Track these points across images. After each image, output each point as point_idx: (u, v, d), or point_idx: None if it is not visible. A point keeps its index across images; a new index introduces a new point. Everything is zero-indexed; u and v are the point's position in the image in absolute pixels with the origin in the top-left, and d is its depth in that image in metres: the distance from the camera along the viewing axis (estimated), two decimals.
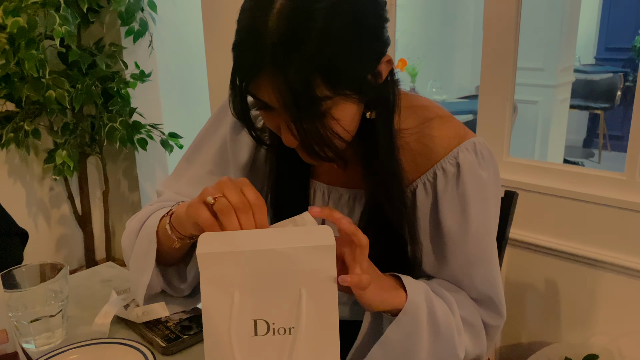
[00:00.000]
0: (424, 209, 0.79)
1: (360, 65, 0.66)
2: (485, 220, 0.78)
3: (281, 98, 0.62)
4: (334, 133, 0.67)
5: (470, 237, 0.77)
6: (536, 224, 1.50)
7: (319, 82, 0.62)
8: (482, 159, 0.77)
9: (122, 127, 2.18)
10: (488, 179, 0.77)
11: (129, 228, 0.81)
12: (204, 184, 0.85)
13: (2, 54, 2.12)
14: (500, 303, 0.81)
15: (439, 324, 0.72)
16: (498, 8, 1.45)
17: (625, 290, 1.38)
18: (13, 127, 2.17)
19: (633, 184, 1.35)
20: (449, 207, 0.77)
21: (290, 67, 0.61)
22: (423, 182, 0.78)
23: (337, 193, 0.84)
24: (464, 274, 0.79)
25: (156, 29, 2.32)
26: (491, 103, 1.52)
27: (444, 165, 0.77)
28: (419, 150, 0.78)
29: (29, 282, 0.88)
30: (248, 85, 0.67)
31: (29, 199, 2.46)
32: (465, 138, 0.77)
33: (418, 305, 0.69)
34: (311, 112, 0.64)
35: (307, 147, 0.68)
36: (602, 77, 4.68)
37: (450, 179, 0.77)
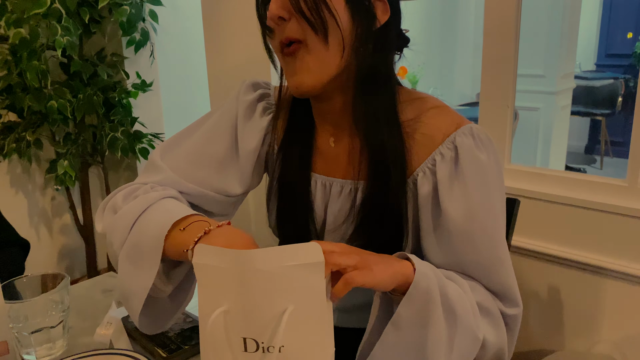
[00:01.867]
0: (425, 197, 0.79)
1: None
2: (488, 202, 0.76)
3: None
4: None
5: (474, 221, 0.75)
6: (538, 231, 1.49)
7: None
8: (481, 142, 0.77)
9: (124, 137, 2.19)
10: (488, 162, 0.77)
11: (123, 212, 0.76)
12: (205, 164, 0.86)
13: (5, 65, 2.13)
14: (514, 290, 0.79)
15: (452, 301, 0.69)
16: (498, 15, 1.45)
17: (629, 297, 1.37)
18: (15, 137, 2.17)
19: (635, 190, 1.35)
20: (449, 191, 0.76)
21: None
22: (423, 170, 0.79)
23: (338, 185, 0.85)
24: (472, 262, 0.77)
25: (157, 39, 2.33)
26: (492, 110, 1.52)
27: (442, 150, 0.77)
28: (418, 140, 0.79)
29: (30, 292, 0.88)
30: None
31: (31, 209, 2.46)
32: (462, 124, 0.78)
33: (428, 276, 0.67)
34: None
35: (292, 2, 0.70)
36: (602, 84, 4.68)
37: (448, 162, 0.77)
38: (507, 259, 0.79)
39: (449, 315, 0.69)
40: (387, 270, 0.65)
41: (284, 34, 0.74)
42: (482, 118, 1.54)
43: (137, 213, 0.75)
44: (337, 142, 0.85)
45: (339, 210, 0.84)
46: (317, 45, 0.73)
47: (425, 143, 0.79)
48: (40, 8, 1.90)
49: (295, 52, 0.74)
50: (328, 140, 0.86)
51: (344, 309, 0.93)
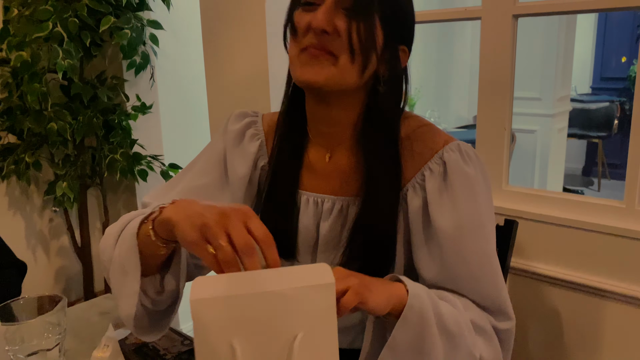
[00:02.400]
0: (415, 211, 0.81)
1: (401, 18, 0.79)
2: (477, 214, 0.78)
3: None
4: (373, 33, 0.75)
5: (463, 232, 0.77)
6: (537, 252, 1.49)
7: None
8: (468, 157, 0.80)
9: (123, 159, 2.19)
10: (475, 175, 0.79)
11: (107, 234, 0.79)
12: (197, 195, 0.87)
13: (5, 88, 2.15)
14: (506, 303, 0.79)
15: (447, 322, 0.70)
16: (494, 39, 1.47)
17: (630, 319, 1.37)
18: (14, 159, 2.18)
19: (633, 212, 1.35)
20: (438, 204, 0.79)
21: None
22: (413, 185, 0.81)
23: (329, 202, 0.86)
24: (464, 274, 0.78)
25: (158, 62, 2.36)
26: (489, 132, 1.53)
27: (431, 165, 0.80)
28: (408, 157, 0.82)
29: (27, 314, 0.87)
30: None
31: (29, 231, 2.45)
32: (450, 141, 0.82)
33: (421, 297, 0.68)
34: (367, 6, 0.74)
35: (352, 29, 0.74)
36: (598, 106, 4.73)
37: (437, 176, 0.80)
38: (498, 271, 0.80)
39: (445, 335, 0.69)
40: (383, 293, 0.66)
41: (319, 42, 0.75)
42: (479, 140, 1.56)
43: (119, 230, 0.77)
44: (333, 157, 0.86)
45: (330, 227, 0.85)
46: (347, 66, 0.76)
47: (415, 159, 0.82)
48: (42, 32, 1.92)
49: (321, 58, 0.76)
50: (323, 156, 0.86)
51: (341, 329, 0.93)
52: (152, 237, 0.69)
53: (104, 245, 0.78)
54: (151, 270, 0.75)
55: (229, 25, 1.94)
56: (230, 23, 1.93)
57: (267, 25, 1.81)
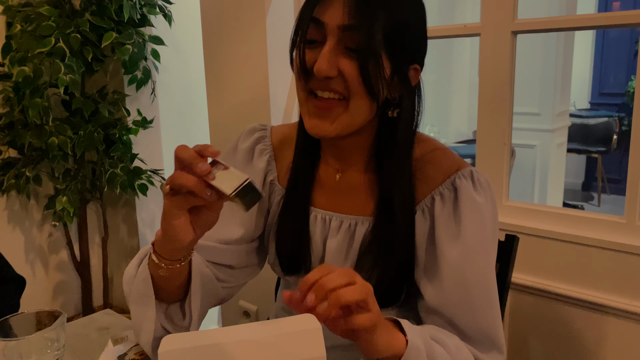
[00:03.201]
0: (421, 234, 0.81)
1: (410, 40, 0.77)
2: (482, 244, 0.78)
3: (353, 19, 0.71)
4: (382, 70, 0.73)
5: (467, 262, 0.77)
6: (537, 267, 1.49)
7: (380, 28, 0.71)
8: (480, 186, 0.80)
9: (123, 173, 2.20)
10: (485, 205, 0.79)
11: (126, 274, 0.81)
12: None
13: (7, 102, 2.16)
14: (499, 336, 0.79)
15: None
16: (493, 55, 1.49)
17: (630, 335, 1.36)
18: (15, 173, 2.18)
19: (633, 227, 1.35)
20: (445, 229, 0.78)
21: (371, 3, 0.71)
22: (422, 208, 0.81)
23: (337, 220, 0.85)
24: (462, 302, 0.77)
25: (159, 77, 2.37)
26: (489, 147, 1.54)
27: (442, 190, 0.80)
28: (420, 179, 0.81)
29: (25, 330, 0.87)
30: (315, 7, 0.74)
31: (28, 245, 2.44)
32: (463, 167, 0.82)
33: (419, 349, 0.67)
34: (372, 42, 0.71)
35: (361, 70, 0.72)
36: (597, 122, 4.75)
37: (447, 202, 0.79)
38: (496, 303, 0.80)
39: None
40: (384, 337, 0.65)
41: (325, 86, 0.75)
42: (479, 155, 1.56)
43: (138, 262, 0.79)
44: (343, 176, 0.86)
45: (337, 245, 0.85)
46: (359, 106, 0.75)
47: (427, 182, 0.81)
48: (44, 47, 1.93)
49: (332, 108, 0.75)
50: (333, 174, 0.87)
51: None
52: (155, 260, 0.70)
53: (126, 277, 0.80)
54: (173, 297, 0.77)
55: (230, 41, 1.95)
56: (231, 39, 1.95)
57: (268, 40, 1.83)
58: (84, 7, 2.08)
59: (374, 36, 0.71)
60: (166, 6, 2.23)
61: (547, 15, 3.20)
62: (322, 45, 0.73)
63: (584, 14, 1.41)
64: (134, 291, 0.77)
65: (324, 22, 0.73)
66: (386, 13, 0.72)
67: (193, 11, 2.27)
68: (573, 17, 1.39)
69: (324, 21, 0.73)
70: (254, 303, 2.11)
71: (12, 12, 2.09)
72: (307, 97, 0.77)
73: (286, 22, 1.88)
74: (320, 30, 0.74)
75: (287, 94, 1.90)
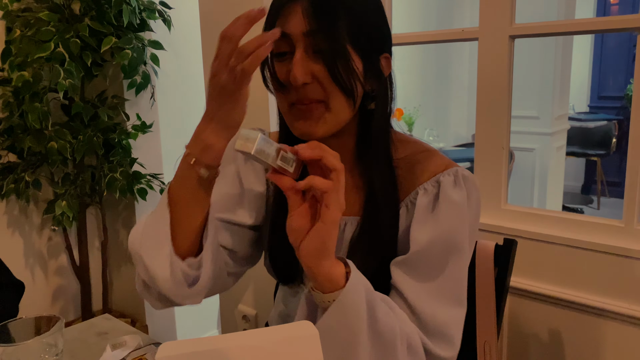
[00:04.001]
0: (403, 229, 0.82)
1: (374, 31, 0.78)
2: (455, 236, 0.78)
3: (313, 23, 0.72)
4: (352, 67, 0.74)
5: (436, 249, 0.77)
6: (536, 271, 1.49)
7: (343, 24, 0.73)
8: (463, 181, 0.81)
9: (123, 178, 2.20)
10: (463, 200, 0.80)
11: (136, 224, 0.82)
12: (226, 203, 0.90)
13: (7, 107, 2.16)
14: (457, 329, 0.79)
15: (379, 321, 0.68)
16: (491, 59, 1.49)
17: (629, 339, 1.36)
18: (14, 178, 2.18)
19: (632, 231, 1.35)
20: (420, 216, 0.80)
21: (328, 2, 0.73)
22: (406, 203, 0.83)
23: None
24: (423, 289, 0.77)
25: (158, 81, 2.38)
26: (487, 151, 1.54)
27: (426, 186, 0.81)
28: (405, 177, 0.83)
29: (24, 335, 0.87)
30: (276, 21, 0.76)
31: (27, 250, 2.44)
32: (450, 166, 0.83)
33: (357, 290, 0.67)
34: (337, 41, 0.73)
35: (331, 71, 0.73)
36: (596, 125, 4.76)
37: (429, 195, 0.81)
38: (460, 297, 0.80)
39: (374, 335, 0.68)
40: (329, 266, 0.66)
41: (305, 94, 0.76)
42: (478, 159, 1.56)
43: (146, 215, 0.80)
44: None
45: None
46: (339, 105, 0.76)
47: (413, 180, 0.83)
48: (44, 52, 1.94)
49: (313, 110, 0.77)
50: None
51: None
52: (198, 166, 0.73)
53: (134, 232, 0.79)
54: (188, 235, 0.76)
55: None
56: None
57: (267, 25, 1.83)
58: (83, 12, 2.08)
59: (337, 35, 0.73)
60: (165, 11, 2.24)
61: (546, 19, 3.21)
62: (292, 56, 0.75)
63: (582, 18, 1.41)
64: (148, 230, 0.76)
65: (289, 33, 0.74)
66: (345, 9, 0.74)
67: (192, 16, 2.28)
68: (571, 21, 1.39)
69: (288, 32, 0.74)
70: (253, 307, 2.11)
71: (12, 17, 2.10)
72: (289, 106, 0.79)
73: None
74: (287, 41, 0.75)
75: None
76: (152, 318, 2.58)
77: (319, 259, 0.66)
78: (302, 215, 0.66)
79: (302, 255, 0.67)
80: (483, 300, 1.09)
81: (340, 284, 0.67)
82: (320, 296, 0.68)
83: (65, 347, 0.89)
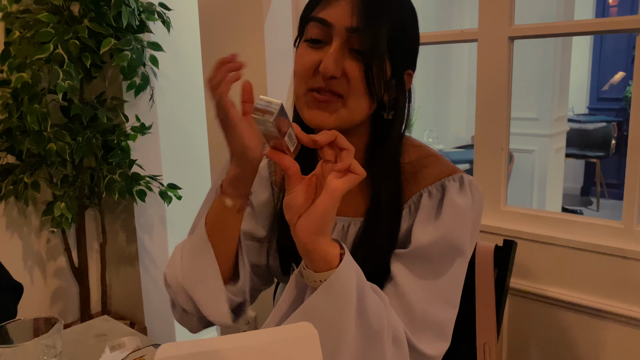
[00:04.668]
0: (403, 228, 0.82)
1: (408, 46, 0.79)
2: (457, 238, 0.79)
3: (361, 21, 0.73)
4: (385, 73, 0.76)
5: (434, 250, 0.78)
6: (535, 273, 1.48)
7: (384, 27, 0.74)
8: (469, 187, 0.81)
9: (122, 179, 2.20)
10: (467, 205, 0.80)
11: (172, 256, 0.84)
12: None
13: (5, 109, 2.16)
14: (446, 330, 0.79)
15: (368, 309, 0.68)
16: (490, 61, 1.49)
17: (629, 340, 1.36)
18: (13, 179, 2.18)
19: (631, 232, 1.35)
20: (423, 218, 0.80)
21: (375, 8, 0.73)
22: (409, 205, 0.83)
23: None
24: (420, 285, 0.77)
25: (157, 83, 2.38)
26: (487, 153, 1.54)
27: (431, 189, 0.82)
28: (410, 180, 0.83)
29: (22, 337, 0.86)
30: (318, 6, 0.77)
31: (26, 252, 2.44)
32: (455, 172, 0.83)
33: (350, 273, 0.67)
34: (377, 46, 0.73)
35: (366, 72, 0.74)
36: (595, 127, 4.76)
37: (433, 199, 0.81)
38: (455, 302, 0.80)
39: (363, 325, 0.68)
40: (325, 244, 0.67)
41: (327, 86, 0.76)
42: (477, 161, 1.56)
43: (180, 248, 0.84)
44: None
45: None
46: (357, 105, 0.77)
47: (417, 183, 0.83)
48: (43, 53, 1.94)
49: (330, 102, 0.76)
50: None
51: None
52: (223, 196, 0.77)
53: (172, 265, 0.82)
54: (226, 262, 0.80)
55: (228, 47, 1.96)
56: (229, 44, 1.95)
57: (266, 45, 1.83)
58: (82, 13, 2.08)
59: (379, 39, 0.73)
60: (164, 12, 2.24)
61: (545, 20, 3.22)
62: (327, 46, 0.75)
63: (581, 19, 1.41)
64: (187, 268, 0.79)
65: (331, 23, 0.74)
66: (390, 17, 0.75)
67: (191, 17, 2.28)
68: (570, 22, 1.40)
69: (331, 22, 0.74)
70: (252, 309, 2.10)
71: (11, 19, 2.10)
72: (307, 91, 0.78)
73: (284, 27, 1.89)
74: (326, 30, 0.75)
75: (286, 99, 1.90)
76: (151, 320, 2.58)
77: (316, 234, 0.66)
78: (301, 192, 0.67)
79: (299, 231, 0.66)
80: (483, 301, 1.09)
81: (333, 264, 0.67)
82: (312, 275, 0.67)
83: (63, 348, 0.88)
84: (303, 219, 0.66)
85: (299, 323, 0.57)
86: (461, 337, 0.95)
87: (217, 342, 0.55)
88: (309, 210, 0.66)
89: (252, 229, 0.92)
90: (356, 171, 0.65)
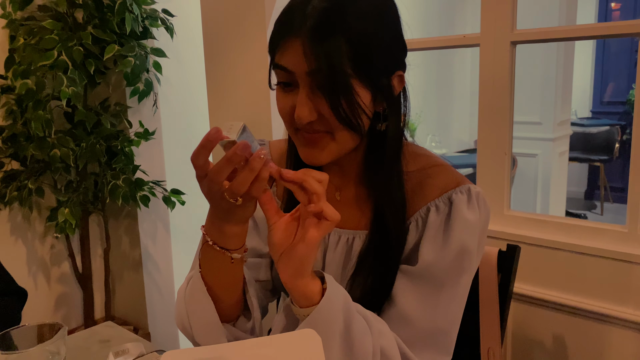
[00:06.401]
0: (411, 243, 0.81)
1: (381, 55, 0.73)
2: (466, 254, 0.78)
3: (315, 62, 0.69)
4: (357, 103, 0.71)
5: (442, 260, 0.77)
6: (539, 277, 1.48)
7: (345, 58, 0.69)
8: (476, 203, 0.80)
9: (125, 185, 2.20)
10: (475, 220, 0.79)
11: (177, 300, 0.83)
12: None
13: (10, 115, 2.17)
14: (448, 344, 0.79)
15: (354, 340, 0.68)
16: (493, 65, 1.49)
17: (633, 344, 1.35)
18: (17, 185, 2.19)
19: (636, 236, 1.35)
20: (431, 235, 0.79)
21: (328, 36, 0.68)
22: (416, 219, 0.81)
23: (335, 234, 0.86)
24: (424, 301, 0.77)
25: (161, 89, 2.38)
26: (490, 157, 1.54)
27: (438, 203, 0.80)
28: (416, 191, 0.82)
29: (27, 343, 0.86)
30: (275, 54, 0.74)
31: (30, 258, 2.44)
32: (462, 183, 0.81)
33: (332, 307, 0.67)
34: (340, 79, 0.69)
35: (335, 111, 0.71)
36: (599, 130, 4.75)
37: (441, 214, 0.79)
38: (458, 317, 0.80)
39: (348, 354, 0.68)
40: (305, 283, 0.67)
41: (309, 127, 0.74)
42: (480, 165, 1.56)
43: (182, 293, 0.81)
44: (342, 194, 0.86)
45: (336, 259, 0.86)
46: (345, 137, 0.75)
47: (423, 195, 0.81)
48: (47, 60, 1.95)
49: (318, 140, 0.75)
50: (333, 193, 0.87)
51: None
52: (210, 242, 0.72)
53: (178, 310, 0.81)
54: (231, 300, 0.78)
55: (232, 53, 1.96)
56: (232, 51, 1.96)
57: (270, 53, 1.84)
58: (86, 20, 2.09)
59: (339, 70, 0.69)
60: (168, 19, 2.25)
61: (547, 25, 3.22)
62: (297, 88, 0.73)
63: (583, 24, 1.41)
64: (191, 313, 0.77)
65: (292, 70, 0.72)
66: (350, 34, 0.69)
67: (194, 23, 2.29)
68: (572, 27, 1.40)
69: (291, 70, 0.72)
70: None
71: (15, 26, 2.11)
72: (295, 131, 0.77)
73: None
74: (290, 75, 0.73)
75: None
76: (155, 325, 2.58)
77: (295, 277, 0.67)
78: (280, 229, 0.67)
79: (279, 270, 0.68)
80: (487, 306, 1.09)
81: (314, 301, 0.67)
82: (297, 309, 0.69)
83: (67, 354, 0.89)
84: (282, 261, 0.67)
85: (302, 330, 0.57)
86: (465, 343, 0.95)
87: (221, 349, 0.55)
88: (289, 252, 0.67)
89: (256, 246, 0.91)
90: (328, 217, 0.64)
